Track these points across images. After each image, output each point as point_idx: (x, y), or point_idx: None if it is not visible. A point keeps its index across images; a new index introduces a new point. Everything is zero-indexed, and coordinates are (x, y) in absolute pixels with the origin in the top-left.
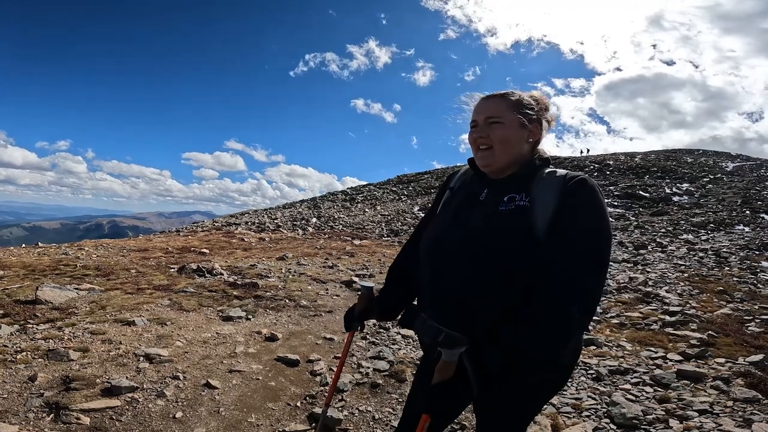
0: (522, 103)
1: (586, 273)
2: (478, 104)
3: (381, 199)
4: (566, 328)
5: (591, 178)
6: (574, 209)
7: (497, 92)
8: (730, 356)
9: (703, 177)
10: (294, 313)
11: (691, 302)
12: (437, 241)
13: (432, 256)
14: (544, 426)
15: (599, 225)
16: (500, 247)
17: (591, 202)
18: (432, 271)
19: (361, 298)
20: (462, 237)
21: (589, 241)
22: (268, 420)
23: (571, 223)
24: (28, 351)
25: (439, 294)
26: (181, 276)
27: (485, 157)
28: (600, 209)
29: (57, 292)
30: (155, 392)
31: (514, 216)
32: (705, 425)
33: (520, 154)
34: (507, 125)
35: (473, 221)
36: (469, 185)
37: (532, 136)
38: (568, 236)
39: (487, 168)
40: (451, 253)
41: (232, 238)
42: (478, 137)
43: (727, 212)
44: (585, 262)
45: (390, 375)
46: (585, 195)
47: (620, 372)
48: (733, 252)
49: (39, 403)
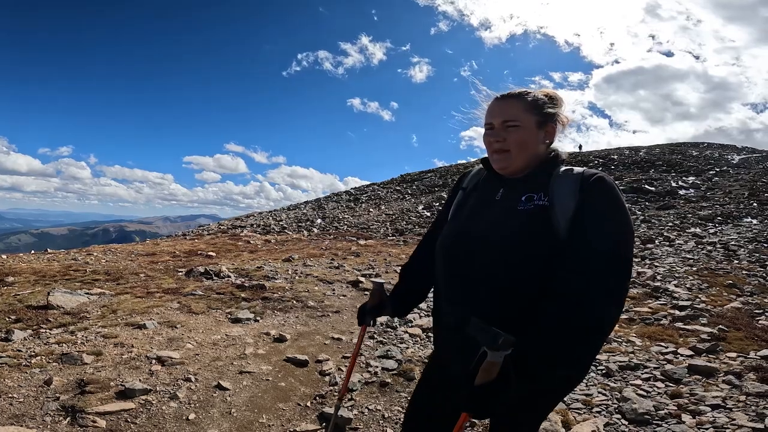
0: (538, 103)
1: (615, 271)
2: (492, 105)
3: (385, 198)
4: (600, 327)
5: (608, 176)
6: (595, 207)
7: (512, 91)
8: (742, 350)
9: (709, 170)
10: (302, 314)
11: (701, 296)
12: (456, 241)
13: (451, 255)
14: (555, 422)
15: (622, 222)
16: (521, 246)
17: (612, 200)
18: (451, 269)
19: (372, 293)
20: (482, 236)
21: (613, 238)
22: (279, 420)
23: (593, 222)
24: (42, 355)
25: (458, 292)
26: (189, 279)
27: (502, 160)
28: (621, 207)
29: (68, 297)
30: (168, 394)
31: (534, 215)
32: (718, 420)
33: (536, 155)
34: (524, 128)
35: (492, 220)
36: (483, 185)
37: (549, 136)
38: (593, 234)
39: (503, 171)
40: (472, 252)
41: (238, 241)
42: (495, 141)
43: (735, 205)
44: (613, 260)
45: (398, 374)
46: (605, 193)
47: (631, 367)
48: (742, 245)
49: (55, 407)
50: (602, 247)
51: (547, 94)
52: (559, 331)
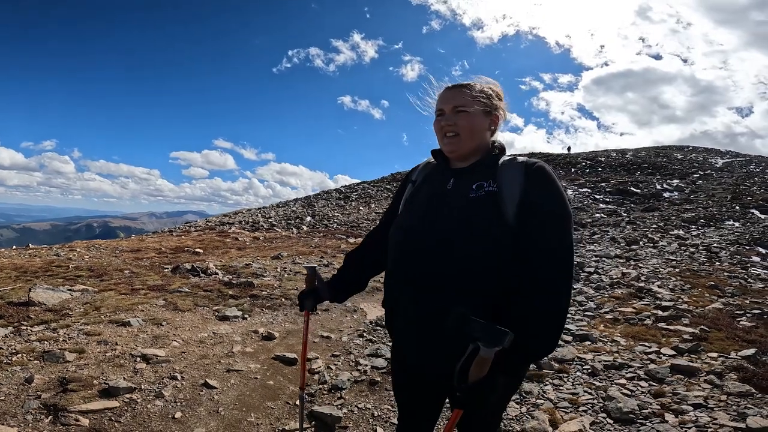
0: (484, 92)
1: (568, 259)
2: (443, 93)
3: (375, 197)
4: (566, 311)
5: (547, 164)
6: (541, 193)
7: (460, 82)
8: (723, 351)
9: (693, 173)
10: (290, 312)
11: (683, 297)
12: (410, 232)
13: (406, 248)
14: (543, 421)
15: (564, 206)
16: (476, 232)
17: (553, 186)
18: (407, 260)
19: (307, 278)
20: (436, 225)
21: (559, 222)
22: (268, 419)
23: (540, 206)
24: (23, 353)
25: (416, 284)
26: (176, 276)
27: (452, 143)
28: (561, 192)
29: (50, 293)
30: (153, 393)
31: (486, 201)
32: (700, 419)
33: (483, 141)
34: (472, 114)
35: (446, 209)
36: (432, 177)
37: (493, 123)
38: (541, 219)
39: (453, 154)
40: (428, 241)
41: (226, 238)
42: (446, 125)
43: (717, 208)
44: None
45: (388, 372)
46: (547, 180)
47: (615, 367)
48: (724, 247)
49: (37, 405)
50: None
51: (491, 86)
52: (536, 322)
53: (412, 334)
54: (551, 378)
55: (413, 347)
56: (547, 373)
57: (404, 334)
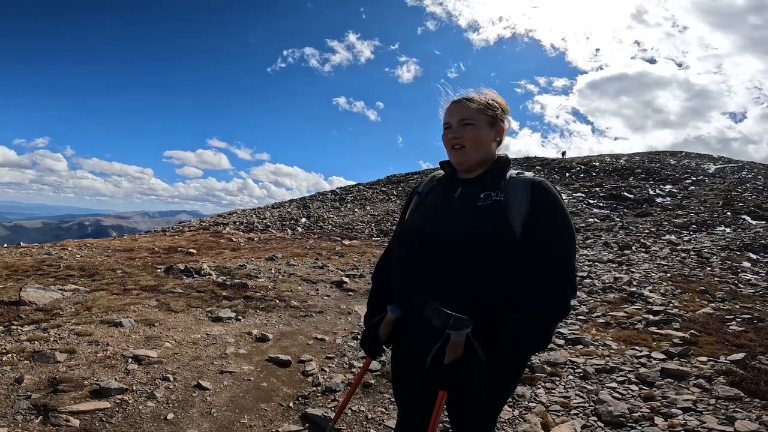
0: (489, 105)
1: (571, 257)
2: (449, 107)
3: (371, 199)
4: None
5: (550, 182)
6: (547, 207)
7: (466, 96)
8: (712, 355)
9: (685, 179)
10: (284, 314)
11: (674, 302)
12: (419, 235)
13: (414, 248)
14: (534, 424)
15: (568, 220)
16: (483, 238)
17: (558, 201)
18: (415, 261)
19: (386, 323)
20: (445, 229)
21: (563, 243)
22: (261, 421)
23: (548, 218)
24: (13, 353)
25: (423, 282)
26: (169, 276)
27: (459, 155)
28: (563, 206)
29: (41, 293)
30: (145, 394)
31: (493, 209)
32: (689, 423)
33: (489, 152)
34: (478, 126)
35: (454, 215)
36: (439, 188)
37: (498, 135)
38: (549, 229)
39: (461, 165)
40: (435, 244)
41: (220, 238)
42: (453, 137)
43: (709, 213)
44: (569, 249)
45: (382, 375)
46: (552, 196)
47: (606, 370)
48: (715, 252)
49: (27, 405)
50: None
51: (495, 99)
52: (535, 320)
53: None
54: (543, 381)
55: (415, 347)
56: (539, 376)
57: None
